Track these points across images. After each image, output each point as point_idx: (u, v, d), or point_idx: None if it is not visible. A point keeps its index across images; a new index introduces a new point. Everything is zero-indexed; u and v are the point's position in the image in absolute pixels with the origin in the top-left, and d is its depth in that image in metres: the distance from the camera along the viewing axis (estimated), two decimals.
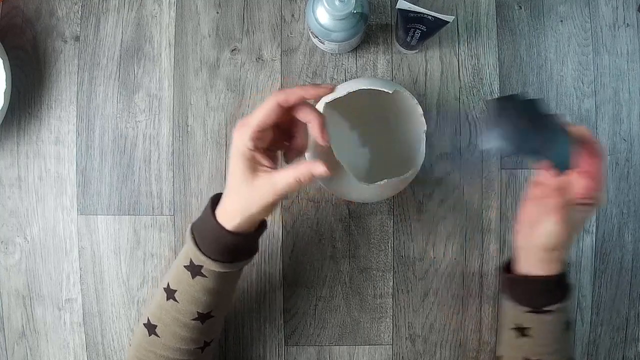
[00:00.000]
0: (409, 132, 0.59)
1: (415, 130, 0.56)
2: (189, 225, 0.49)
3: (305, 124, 0.46)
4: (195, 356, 0.51)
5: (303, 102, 0.45)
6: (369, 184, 0.49)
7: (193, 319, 0.49)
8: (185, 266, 0.48)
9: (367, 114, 0.62)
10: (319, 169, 0.44)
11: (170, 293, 0.49)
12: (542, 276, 0.50)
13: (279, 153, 0.49)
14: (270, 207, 0.46)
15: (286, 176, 0.44)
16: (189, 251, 0.48)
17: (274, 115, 0.44)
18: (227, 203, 0.47)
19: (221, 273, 0.48)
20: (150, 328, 0.50)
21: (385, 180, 0.49)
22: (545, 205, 0.49)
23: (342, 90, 0.51)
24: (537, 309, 0.50)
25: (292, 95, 0.43)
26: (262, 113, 0.44)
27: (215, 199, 0.48)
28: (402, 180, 0.50)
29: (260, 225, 0.49)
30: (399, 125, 0.61)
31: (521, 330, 0.51)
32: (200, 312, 0.49)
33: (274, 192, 0.44)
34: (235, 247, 0.47)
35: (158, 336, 0.49)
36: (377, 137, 0.63)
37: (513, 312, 0.52)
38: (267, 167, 0.46)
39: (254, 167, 0.45)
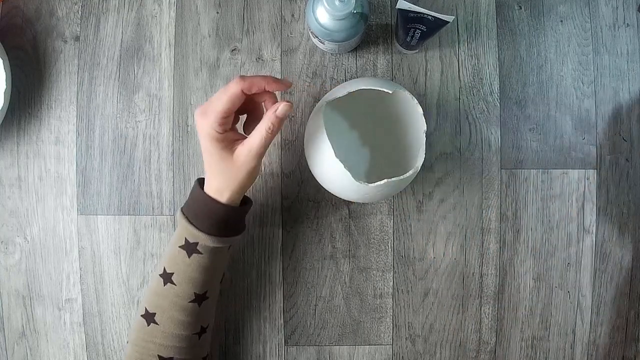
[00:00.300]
0: (409, 132, 0.59)
1: (415, 130, 0.56)
2: (178, 210, 0.51)
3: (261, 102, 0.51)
4: (192, 342, 0.52)
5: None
6: (369, 184, 0.49)
7: (190, 301, 0.50)
8: (180, 247, 0.50)
9: (367, 114, 0.62)
10: (281, 108, 0.47)
11: (167, 277, 0.50)
12: None
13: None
14: (255, 171, 0.50)
15: (257, 134, 0.48)
16: (183, 231, 0.49)
17: (238, 102, 0.47)
18: (213, 182, 0.49)
19: (215, 249, 0.50)
20: (149, 317, 0.51)
21: (385, 180, 0.49)
22: None
23: (342, 90, 0.51)
24: None
25: (254, 85, 0.47)
26: (226, 101, 0.46)
27: (202, 181, 0.51)
28: (402, 180, 0.50)
29: (245, 202, 0.53)
30: (399, 125, 0.61)
31: None
32: (197, 292, 0.50)
33: (254, 154, 0.48)
34: (228, 219, 0.50)
35: (157, 324, 0.50)
36: (377, 137, 0.63)
37: None
38: (240, 139, 0.49)
39: (229, 145, 0.48)
